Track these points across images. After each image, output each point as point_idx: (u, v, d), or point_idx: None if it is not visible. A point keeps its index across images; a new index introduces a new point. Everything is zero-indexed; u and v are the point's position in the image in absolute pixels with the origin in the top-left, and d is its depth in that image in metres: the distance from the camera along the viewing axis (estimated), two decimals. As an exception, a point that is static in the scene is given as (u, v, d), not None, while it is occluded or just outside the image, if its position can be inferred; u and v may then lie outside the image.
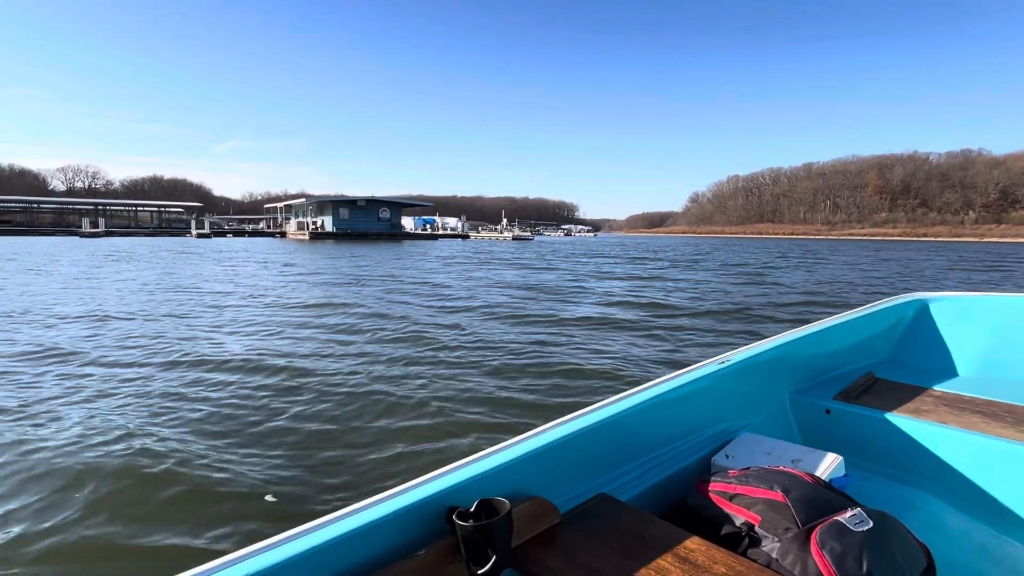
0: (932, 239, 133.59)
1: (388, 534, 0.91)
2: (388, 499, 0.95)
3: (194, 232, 54.70)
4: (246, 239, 53.46)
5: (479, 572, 0.92)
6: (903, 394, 1.89)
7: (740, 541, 1.12)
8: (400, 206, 58.55)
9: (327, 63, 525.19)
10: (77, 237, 48.11)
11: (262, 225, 73.53)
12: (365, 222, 53.71)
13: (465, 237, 69.86)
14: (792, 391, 1.95)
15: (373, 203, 54.76)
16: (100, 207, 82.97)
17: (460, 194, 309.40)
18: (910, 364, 2.34)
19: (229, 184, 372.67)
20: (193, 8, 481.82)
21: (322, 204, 54.31)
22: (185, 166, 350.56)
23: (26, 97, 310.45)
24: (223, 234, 57.81)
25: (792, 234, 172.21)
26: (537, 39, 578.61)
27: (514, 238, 63.54)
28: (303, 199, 56.83)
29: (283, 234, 58.15)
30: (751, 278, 14.98)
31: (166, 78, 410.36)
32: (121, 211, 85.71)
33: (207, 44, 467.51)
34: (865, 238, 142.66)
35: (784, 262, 23.39)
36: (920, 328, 2.45)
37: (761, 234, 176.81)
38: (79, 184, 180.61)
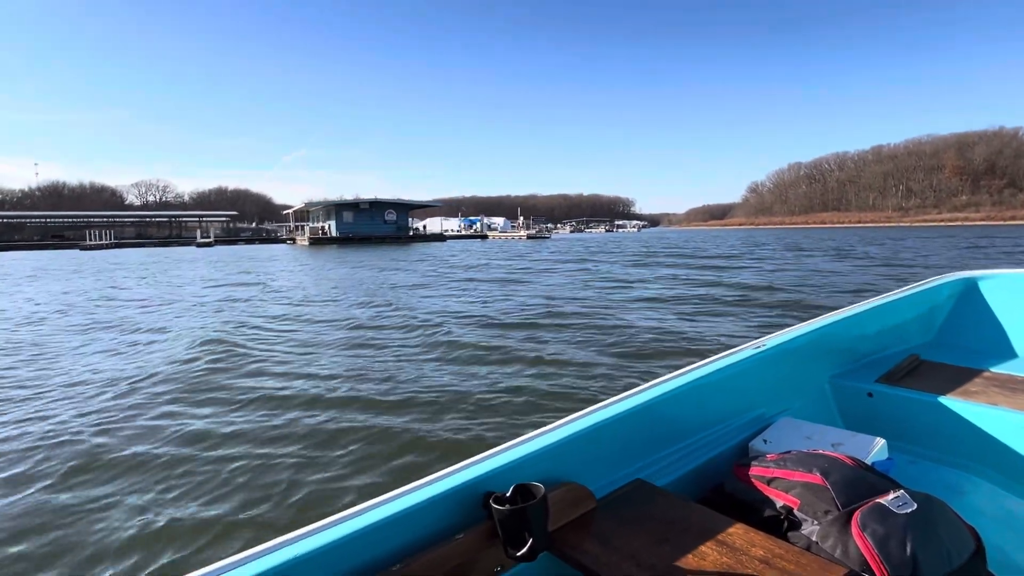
0: (1022, 222, 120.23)
1: (426, 519, 0.93)
2: (426, 485, 0.97)
3: (198, 240, 55.42)
4: (249, 246, 53.58)
5: (516, 555, 0.93)
6: (950, 375, 1.83)
7: (779, 525, 1.11)
8: (408, 207, 57.37)
9: (385, 70, 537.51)
10: (78, 250, 49.47)
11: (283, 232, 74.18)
12: (370, 225, 52.73)
13: (484, 237, 69.18)
14: (832, 375, 1.90)
15: (377, 205, 53.75)
16: (147, 219, 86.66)
17: (514, 193, 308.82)
18: (957, 345, 2.25)
19: (297, 192, 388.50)
20: (260, 31, 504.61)
21: (328, 208, 53.76)
22: (255, 177, 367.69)
23: (112, 120, 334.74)
24: (234, 242, 58.51)
25: (859, 222, 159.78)
26: (589, 36, 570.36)
27: (528, 237, 62.24)
28: (302, 204, 56.46)
29: (293, 240, 58.06)
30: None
31: (238, 94, 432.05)
32: (166, 221, 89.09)
33: (272, 60, 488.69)
34: (942, 224, 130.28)
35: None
36: (968, 307, 2.33)
37: (824, 223, 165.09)
38: (151, 198, 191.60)
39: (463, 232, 77.48)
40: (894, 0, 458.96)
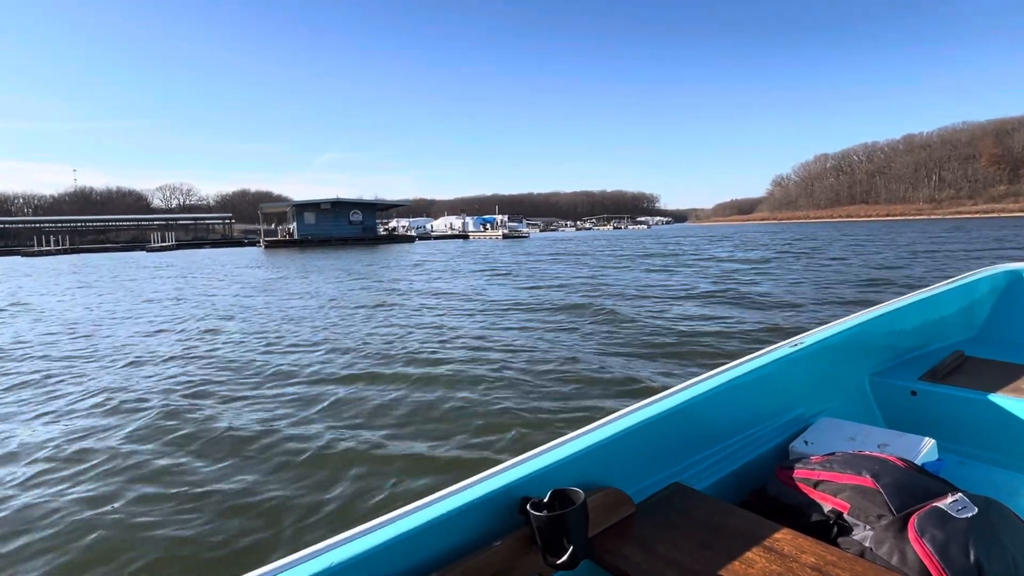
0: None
1: (463, 526, 0.91)
2: (461, 491, 0.95)
3: (150, 244, 54.26)
4: (213, 249, 52.27)
5: (556, 563, 0.91)
6: (998, 372, 1.78)
7: (828, 530, 1.06)
8: (375, 207, 55.46)
9: (411, 71, 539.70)
10: (20, 256, 48.90)
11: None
12: (334, 227, 51.03)
13: (465, 237, 67.60)
14: (872, 372, 1.86)
15: (341, 206, 52.00)
16: (143, 223, 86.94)
17: (536, 191, 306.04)
18: (1004, 340, 2.17)
19: (326, 194, 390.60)
20: (289, 37, 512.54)
21: (292, 210, 52.18)
22: (287, 180, 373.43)
23: (149, 127, 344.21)
24: (200, 245, 57.39)
25: (888, 215, 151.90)
26: (615, 33, 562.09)
27: (504, 237, 60.39)
28: (260, 207, 54.88)
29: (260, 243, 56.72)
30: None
31: (272, 100, 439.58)
32: (163, 224, 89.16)
33: (305, 65, 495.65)
34: (978, 216, 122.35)
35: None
36: (1013, 301, 2.27)
37: (851, 217, 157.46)
38: (175, 201, 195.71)
39: (448, 232, 75.90)
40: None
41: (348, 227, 51.90)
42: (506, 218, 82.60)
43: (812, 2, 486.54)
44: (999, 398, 1.57)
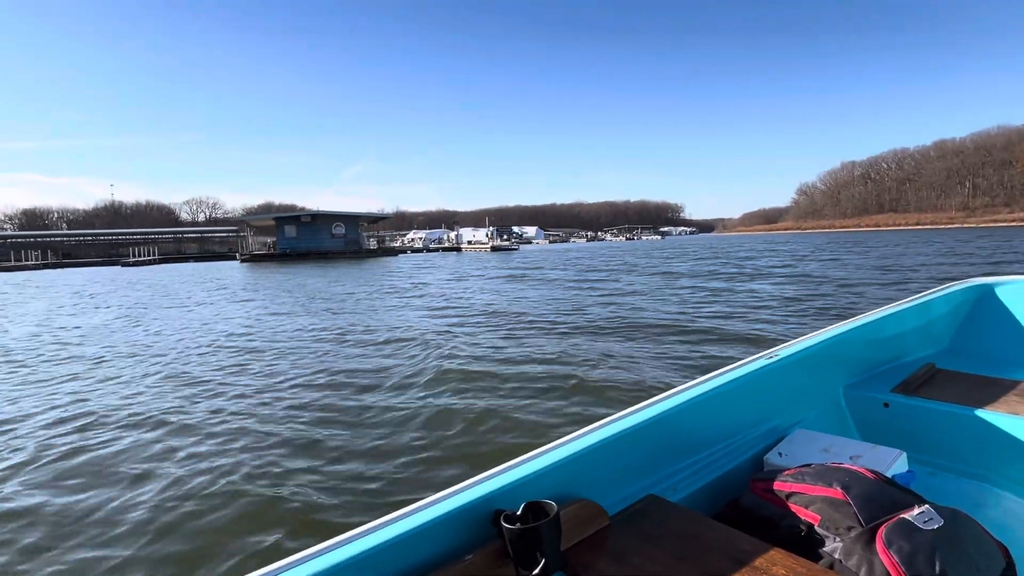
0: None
1: (434, 539, 0.90)
2: (434, 503, 0.94)
3: (125, 260, 54.23)
4: (198, 264, 51.85)
5: None
6: (968, 384, 1.81)
7: (799, 542, 1.08)
8: (357, 219, 54.46)
9: (434, 82, 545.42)
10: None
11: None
12: (316, 240, 50.27)
13: (458, 250, 66.76)
14: (846, 385, 1.89)
15: (322, 218, 51.28)
16: (151, 237, 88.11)
17: (559, 202, 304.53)
18: (974, 353, 2.23)
19: (353, 206, 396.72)
20: (317, 54, 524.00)
21: (275, 223, 51.67)
22: (317, 192, 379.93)
23: (183, 142, 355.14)
24: (186, 259, 57.30)
25: (918, 224, 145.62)
26: (641, 43, 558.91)
27: (493, 249, 59.41)
28: (236, 218, 54.42)
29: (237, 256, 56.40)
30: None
31: (300, 114, 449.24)
32: (170, 238, 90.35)
33: (332, 80, 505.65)
34: (1014, 224, 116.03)
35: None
36: (984, 314, 2.32)
37: (879, 226, 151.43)
38: (201, 215, 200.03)
39: (446, 244, 75.20)
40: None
41: (330, 240, 51.04)
42: (495, 230, 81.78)
43: (839, 7, 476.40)
44: (968, 410, 1.59)
